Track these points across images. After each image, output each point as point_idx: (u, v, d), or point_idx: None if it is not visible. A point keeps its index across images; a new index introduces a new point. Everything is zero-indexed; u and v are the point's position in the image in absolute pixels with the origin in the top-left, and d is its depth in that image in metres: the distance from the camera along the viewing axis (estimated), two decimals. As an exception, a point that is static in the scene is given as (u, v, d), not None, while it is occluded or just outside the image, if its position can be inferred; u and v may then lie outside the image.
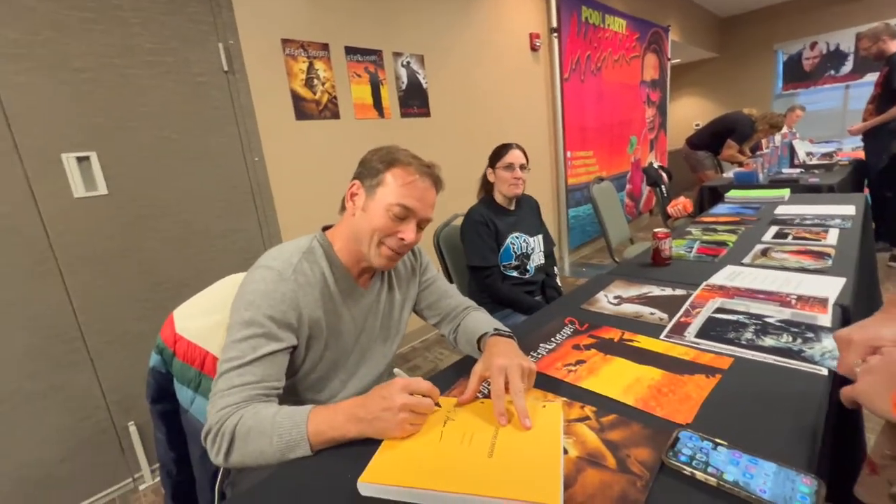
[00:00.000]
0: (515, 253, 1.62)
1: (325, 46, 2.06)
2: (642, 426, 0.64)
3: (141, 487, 1.64)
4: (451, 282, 1.70)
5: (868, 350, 0.52)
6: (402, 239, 0.79)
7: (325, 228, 0.88)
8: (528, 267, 1.65)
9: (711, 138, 4.22)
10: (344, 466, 0.61)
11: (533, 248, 1.67)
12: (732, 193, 2.48)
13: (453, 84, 2.72)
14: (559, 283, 1.78)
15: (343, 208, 0.86)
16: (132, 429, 1.61)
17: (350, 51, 2.15)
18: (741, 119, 4.04)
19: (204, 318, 0.98)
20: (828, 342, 0.80)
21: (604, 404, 0.70)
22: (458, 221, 1.66)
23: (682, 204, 2.40)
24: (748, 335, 0.86)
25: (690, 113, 7.73)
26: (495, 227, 1.58)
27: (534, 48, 3.29)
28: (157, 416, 0.99)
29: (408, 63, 2.43)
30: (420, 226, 0.83)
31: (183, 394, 0.96)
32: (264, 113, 1.88)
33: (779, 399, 0.67)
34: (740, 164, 3.75)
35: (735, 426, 0.63)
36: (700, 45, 6.46)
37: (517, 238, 1.63)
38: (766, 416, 0.64)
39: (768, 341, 0.83)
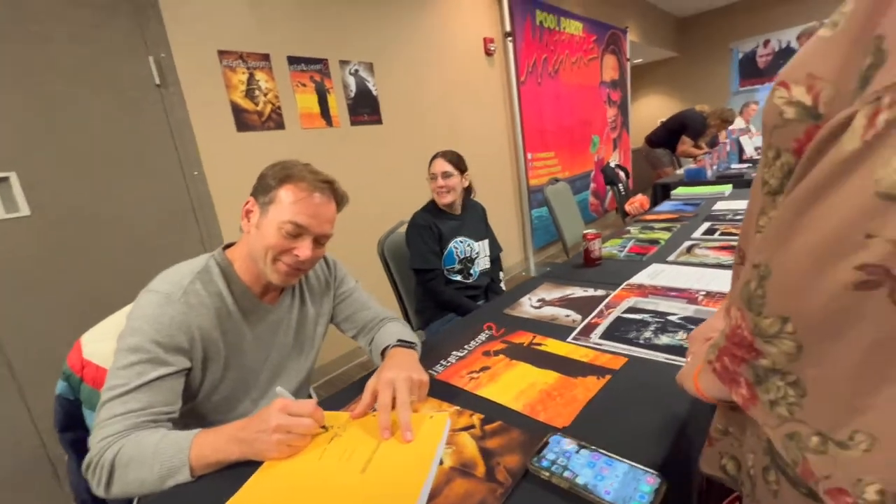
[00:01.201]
0: (458, 257, 1.63)
1: (266, 57, 2.04)
2: (521, 432, 0.65)
3: (81, 516, 1.58)
4: (396, 288, 1.70)
5: (702, 342, 0.55)
6: (297, 256, 0.79)
7: (227, 247, 0.88)
8: (471, 271, 1.66)
9: (668, 135, 4.35)
10: (226, 489, 0.60)
11: (478, 253, 1.69)
12: (679, 191, 2.55)
13: (405, 90, 2.72)
14: (504, 288, 1.80)
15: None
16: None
17: (293, 60, 2.14)
18: (692, 116, 4.18)
19: (114, 342, 0.96)
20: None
21: (493, 411, 0.71)
22: (404, 229, 1.67)
23: (638, 201, 2.46)
24: (647, 334, 0.89)
25: (655, 111, 7.92)
26: (439, 230, 1.59)
27: (488, 52, 3.33)
28: (67, 445, 0.96)
29: (356, 71, 2.42)
30: (319, 241, 0.83)
31: (93, 420, 0.94)
32: (202, 126, 1.85)
33: (658, 397, 0.70)
34: (696, 159, 3.87)
35: (609, 427, 0.65)
36: (659, 44, 6.63)
37: (461, 242, 1.64)
38: (640, 414, 0.66)
39: (664, 339, 0.86)
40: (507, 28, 3.42)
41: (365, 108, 2.49)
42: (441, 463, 0.61)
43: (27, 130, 1.45)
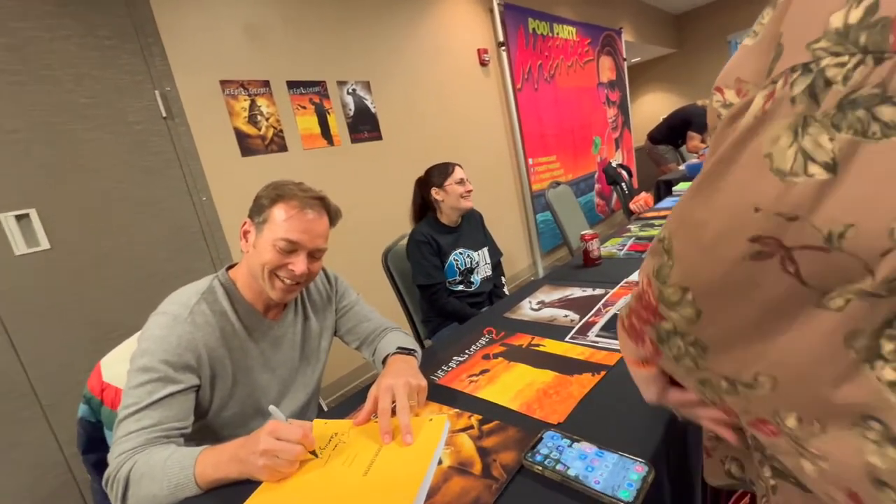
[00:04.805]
0: (459, 269, 1.66)
1: (266, 83, 2.12)
2: (517, 430, 0.67)
3: (108, 538, 1.63)
4: (401, 298, 1.73)
5: None
6: (293, 270, 0.82)
7: (231, 267, 0.92)
8: (472, 280, 1.68)
9: (669, 132, 4.34)
10: (240, 496, 0.63)
11: (477, 262, 1.71)
12: (681, 186, 2.54)
13: (404, 106, 2.78)
14: (507, 293, 1.81)
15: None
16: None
17: (292, 84, 2.21)
18: (695, 111, 4.17)
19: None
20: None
21: (491, 411, 0.73)
22: (406, 241, 1.70)
23: (643, 199, 2.47)
24: (643, 329, 0.90)
25: (657, 108, 7.90)
26: (437, 245, 1.62)
27: (483, 63, 3.38)
28: (90, 466, 1.00)
29: (353, 90, 2.49)
30: (314, 255, 0.86)
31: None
32: (208, 153, 1.92)
33: (651, 390, 0.71)
34: (698, 154, 3.85)
35: (602, 421, 0.66)
36: (656, 42, 6.64)
37: (460, 254, 1.67)
38: (632, 408, 0.67)
39: (659, 334, 0.87)
40: (500, 38, 3.48)
41: (365, 125, 2.55)
42: (440, 463, 0.63)
43: (45, 169, 1.53)
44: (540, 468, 0.56)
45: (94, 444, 0.99)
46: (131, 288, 1.70)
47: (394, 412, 0.71)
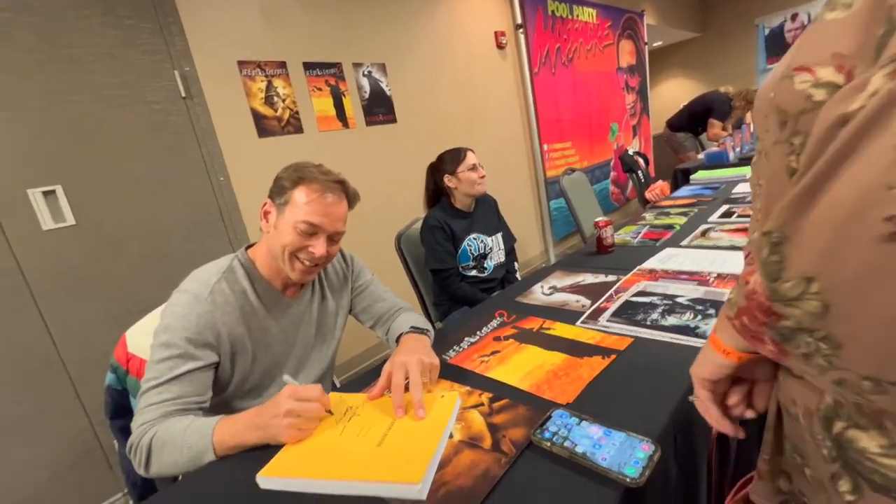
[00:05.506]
0: (472, 254, 1.67)
1: (283, 64, 2.12)
2: (527, 408, 0.68)
3: (131, 502, 1.71)
4: (413, 281, 1.76)
5: None
6: (313, 253, 0.84)
7: (249, 247, 0.94)
8: (485, 265, 1.69)
9: (690, 119, 4.24)
10: (250, 466, 0.66)
11: (491, 248, 1.72)
12: (699, 175, 2.50)
13: (418, 89, 2.76)
14: (519, 278, 1.82)
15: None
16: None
17: (308, 66, 2.21)
18: (717, 97, 4.05)
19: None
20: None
21: (502, 390, 0.75)
22: (419, 225, 1.71)
23: (659, 188, 2.43)
24: (654, 315, 0.90)
25: (677, 95, 7.69)
26: (451, 230, 1.63)
27: (500, 46, 3.33)
28: (117, 432, 1.05)
29: (369, 72, 2.48)
30: (333, 238, 0.88)
31: (137, 408, 1.03)
32: (226, 133, 1.94)
33: (660, 374, 0.72)
34: (718, 142, 3.76)
35: (611, 402, 0.67)
36: (680, 26, 6.43)
37: (474, 239, 1.67)
38: (642, 390, 0.69)
39: (671, 320, 0.87)
40: (518, 20, 3.41)
41: (380, 108, 2.54)
42: (451, 437, 0.65)
43: (70, 146, 1.57)
44: (548, 444, 0.58)
45: (121, 411, 1.04)
46: (153, 263, 1.75)
47: (406, 388, 0.74)
